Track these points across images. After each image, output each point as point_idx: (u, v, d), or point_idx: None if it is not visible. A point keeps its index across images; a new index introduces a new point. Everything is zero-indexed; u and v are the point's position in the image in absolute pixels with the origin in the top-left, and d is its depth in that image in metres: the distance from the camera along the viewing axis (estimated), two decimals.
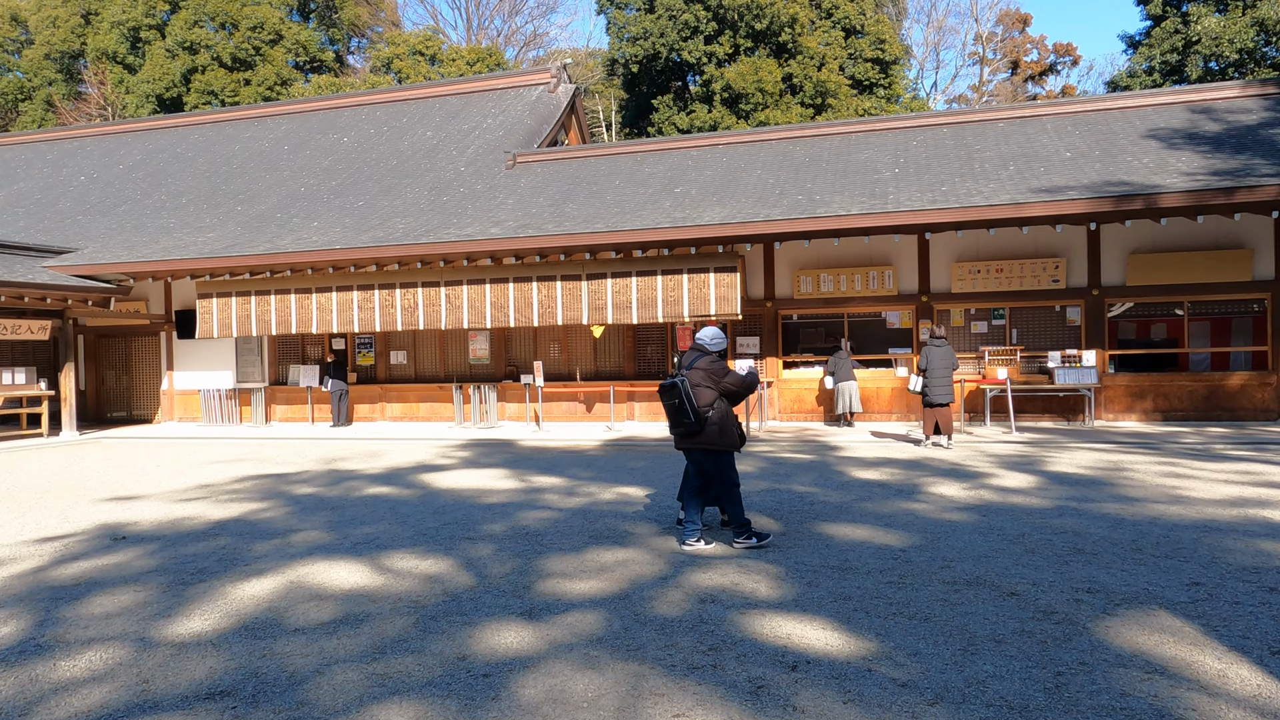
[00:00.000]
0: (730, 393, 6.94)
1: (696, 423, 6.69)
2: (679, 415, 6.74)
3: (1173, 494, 8.48)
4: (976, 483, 9.41)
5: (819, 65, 33.38)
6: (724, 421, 6.86)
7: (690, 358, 7.03)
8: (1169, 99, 16.70)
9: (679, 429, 6.86)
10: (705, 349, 7.08)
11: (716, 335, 7.16)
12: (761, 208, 14.77)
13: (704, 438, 6.79)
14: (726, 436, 6.90)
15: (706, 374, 6.79)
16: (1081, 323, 15.02)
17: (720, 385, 6.85)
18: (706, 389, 6.77)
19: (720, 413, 6.83)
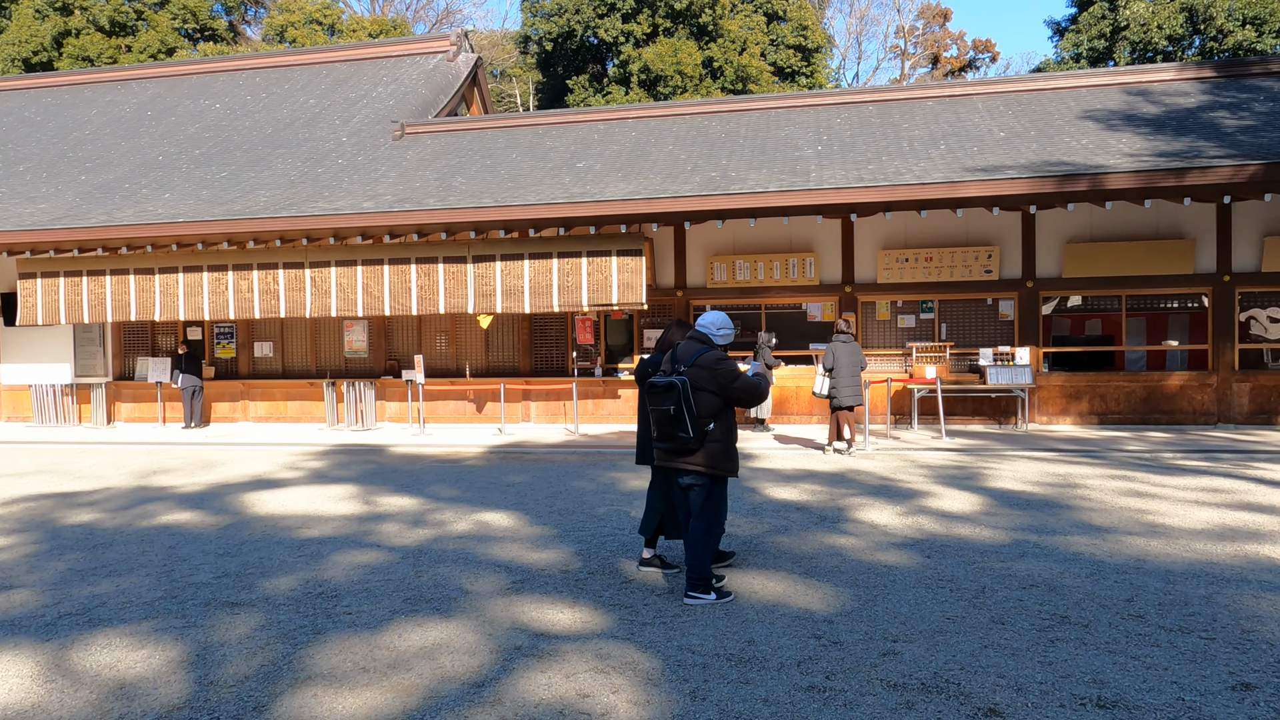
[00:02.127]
0: (740, 401, 5.24)
1: (694, 438, 5.06)
2: (671, 426, 5.10)
3: (1144, 521, 6.94)
4: (912, 505, 7.74)
5: (740, 49, 31.80)
6: (728, 438, 5.26)
7: (688, 351, 5.29)
8: (1104, 80, 15.49)
9: (668, 443, 5.17)
10: (709, 340, 5.33)
11: (724, 324, 5.44)
12: (670, 184, 12.95)
13: (701, 458, 5.14)
14: (730, 458, 5.27)
15: (712, 375, 5.14)
16: (1015, 317, 13.64)
17: (730, 391, 5.16)
18: (710, 394, 5.14)
19: (725, 426, 5.23)
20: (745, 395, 5.21)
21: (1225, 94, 14.36)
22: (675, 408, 5.04)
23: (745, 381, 5.23)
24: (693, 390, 5.08)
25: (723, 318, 5.46)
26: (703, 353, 5.22)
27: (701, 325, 5.44)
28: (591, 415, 14.80)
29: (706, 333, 5.38)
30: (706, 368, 5.15)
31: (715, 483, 5.25)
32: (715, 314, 5.47)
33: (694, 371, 5.15)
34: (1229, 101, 14.00)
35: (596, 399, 14.84)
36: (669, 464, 5.32)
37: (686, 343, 5.38)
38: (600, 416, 14.79)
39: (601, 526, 7.09)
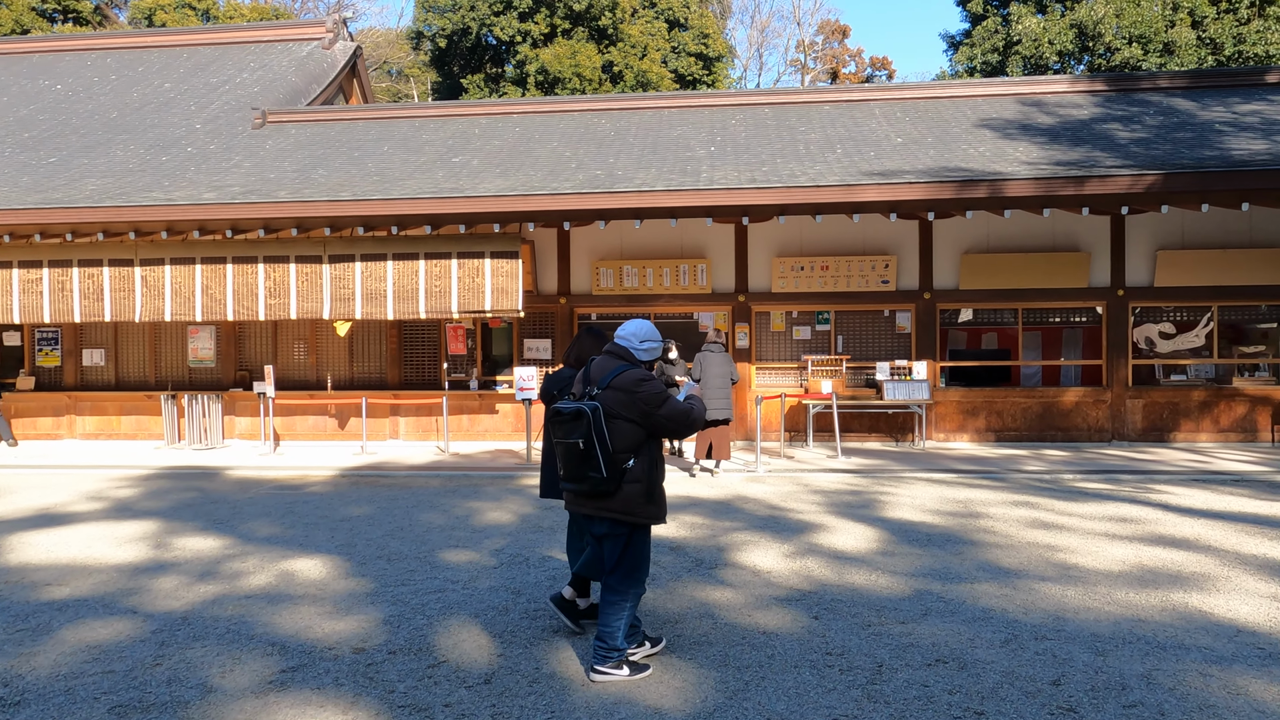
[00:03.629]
0: (668, 431, 4.15)
1: (608, 479, 4.02)
2: (580, 463, 4.04)
3: (1056, 561, 6.08)
4: (802, 543, 6.72)
5: (641, 54, 30.90)
6: (652, 477, 4.17)
7: (604, 369, 4.19)
8: (1000, 90, 15.06)
9: (577, 484, 4.10)
10: (630, 356, 4.25)
11: (648, 334, 4.35)
12: (552, 182, 11.75)
13: (618, 502, 4.08)
14: (654, 501, 4.18)
15: (632, 399, 4.06)
16: (912, 330, 12.94)
17: (654, 419, 4.08)
18: (630, 423, 4.06)
19: (647, 462, 4.15)
20: (673, 425, 4.10)
21: (1117, 107, 14.07)
22: (585, 441, 3.96)
23: (673, 408, 4.11)
24: (607, 419, 4.00)
25: (647, 327, 4.33)
26: (621, 371, 4.11)
27: (621, 337, 4.30)
28: (466, 432, 13.44)
29: (626, 346, 4.25)
30: (625, 390, 4.04)
31: (635, 532, 4.16)
32: (638, 323, 4.34)
33: (609, 395, 4.05)
34: (1121, 114, 13.69)
35: (472, 414, 13.48)
36: (578, 509, 4.22)
37: (602, 358, 4.26)
38: (476, 434, 13.43)
39: (431, 579, 5.81)
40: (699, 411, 4.23)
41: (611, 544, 4.15)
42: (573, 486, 4.13)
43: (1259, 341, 12.94)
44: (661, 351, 4.54)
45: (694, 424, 4.19)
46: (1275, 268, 12.21)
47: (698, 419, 4.21)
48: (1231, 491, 8.82)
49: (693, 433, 4.30)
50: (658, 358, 4.46)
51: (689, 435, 4.30)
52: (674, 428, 4.12)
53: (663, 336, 12.74)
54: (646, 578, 4.28)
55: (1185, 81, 14.56)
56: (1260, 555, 6.18)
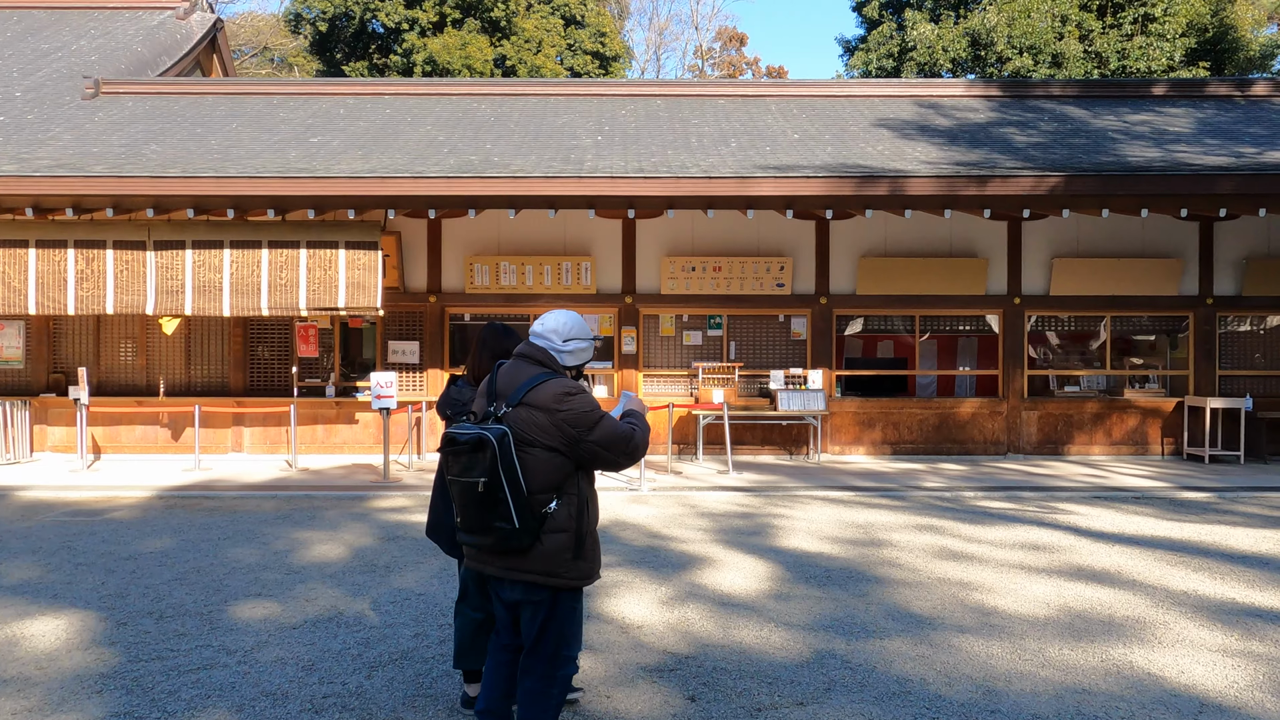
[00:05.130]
0: (606, 461, 3.05)
1: (521, 529, 2.93)
2: (483, 510, 2.94)
3: (974, 604, 5.18)
4: (684, 583, 5.63)
5: (536, 49, 29.60)
6: (581, 524, 3.06)
7: (515, 379, 3.08)
8: (897, 92, 14.51)
9: (479, 537, 3.00)
10: (550, 360, 3.13)
11: (576, 330, 3.20)
12: (420, 166, 10.38)
13: (536, 559, 2.99)
14: (584, 555, 3.07)
15: (553, 420, 2.98)
16: (808, 336, 12.13)
17: (583, 446, 3.01)
18: (551, 453, 2.98)
19: (575, 504, 3.04)
20: (611, 454, 3.02)
21: (1012, 112, 13.67)
22: (489, 480, 2.88)
23: (611, 431, 3.02)
24: (519, 448, 2.93)
25: (573, 321, 3.21)
26: (538, 382, 3.00)
27: (538, 334, 3.18)
28: (321, 444, 11.88)
29: (546, 346, 3.14)
30: (543, 408, 2.96)
31: (561, 597, 3.04)
32: (560, 315, 3.21)
33: (522, 415, 2.97)
34: (1016, 120, 13.28)
35: (328, 424, 11.94)
36: (482, 567, 3.10)
37: (512, 364, 3.12)
38: (332, 446, 11.90)
39: (202, 647, 4.45)
40: (643, 434, 3.12)
41: (531, 614, 3.03)
42: (474, 540, 3.00)
43: (1149, 353, 12.70)
44: (593, 351, 3.35)
45: (636, 451, 3.08)
46: (1166, 278, 11.95)
47: (641, 444, 3.09)
48: (1137, 511, 8.24)
49: (635, 462, 3.13)
50: (588, 361, 3.30)
51: (631, 465, 3.14)
52: (611, 457, 3.01)
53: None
54: (579, 652, 3.14)
55: (1077, 90, 14.32)
56: (1190, 593, 5.43)
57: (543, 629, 3.02)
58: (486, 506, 2.91)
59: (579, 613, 3.12)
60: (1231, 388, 12.11)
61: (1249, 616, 4.94)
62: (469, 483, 2.92)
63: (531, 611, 3.03)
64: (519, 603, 3.05)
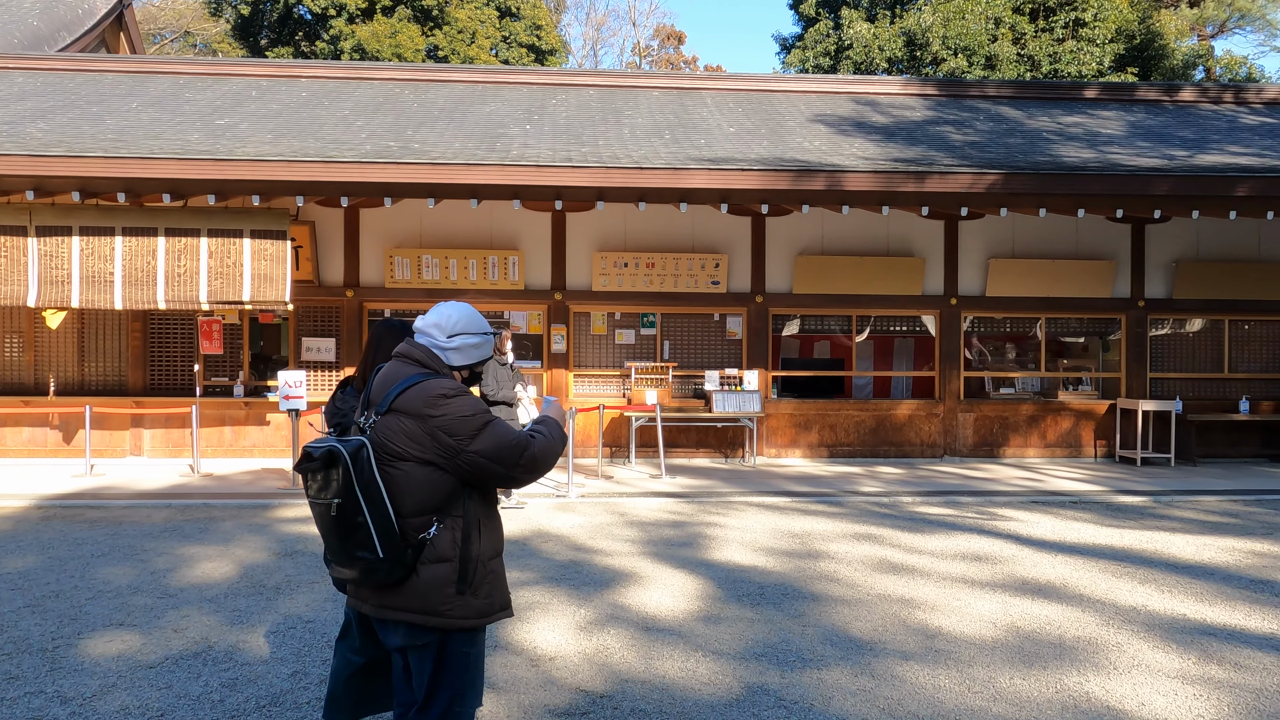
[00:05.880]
0: (498, 476, 2.53)
1: (386, 560, 2.42)
2: (343, 537, 2.43)
3: (916, 624, 4.79)
4: (607, 604, 5.13)
5: (470, 40, 28.77)
6: (468, 550, 2.51)
7: (390, 380, 2.58)
8: (834, 88, 14.24)
9: (344, 568, 2.50)
10: (431, 360, 2.63)
11: (466, 324, 2.69)
12: (335, 151, 9.66)
13: (413, 595, 2.48)
14: (476, 588, 2.53)
15: (424, 427, 2.47)
16: (744, 336, 11.74)
17: (463, 458, 2.47)
18: (426, 467, 2.47)
19: (461, 529, 2.51)
20: (502, 466, 2.49)
21: (948, 111, 13.51)
22: (344, 502, 2.38)
23: (497, 439, 2.48)
24: (384, 463, 2.44)
25: (460, 314, 2.68)
26: (413, 384, 2.50)
27: (418, 329, 2.68)
28: (229, 448, 11.05)
29: (427, 343, 2.64)
30: (414, 414, 2.46)
31: (452, 642, 2.51)
32: (447, 307, 2.69)
33: (390, 424, 2.47)
34: (953, 119, 13.11)
35: (236, 426, 11.11)
36: (359, 605, 2.61)
37: (391, 366, 2.61)
38: (241, 449, 11.07)
39: (32, 695, 3.78)
40: (546, 445, 2.58)
41: (417, 662, 2.51)
42: (340, 572, 2.50)
43: (1082, 355, 12.65)
44: (490, 348, 2.78)
45: (536, 463, 2.54)
46: (1100, 280, 11.89)
47: (543, 455, 2.56)
48: (1075, 516, 8.02)
49: (537, 476, 2.60)
50: (483, 360, 2.76)
51: (533, 479, 2.60)
52: (502, 471, 2.49)
53: (494, 327, 10.90)
54: (477, 708, 2.61)
55: (1011, 91, 14.25)
56: (1140, 608, 5.14)
57: (433, 681, 2.49)
58: (344, 533, 2.41)
59: (476, 660, 2.58)
60: (1162, 390, 12.12)
61: (1203, 636, 4.64)
62: (323, 505, 2.41)
63: (418, 659, 2.51)
64: (404, 649, 2.53)
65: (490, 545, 2.59)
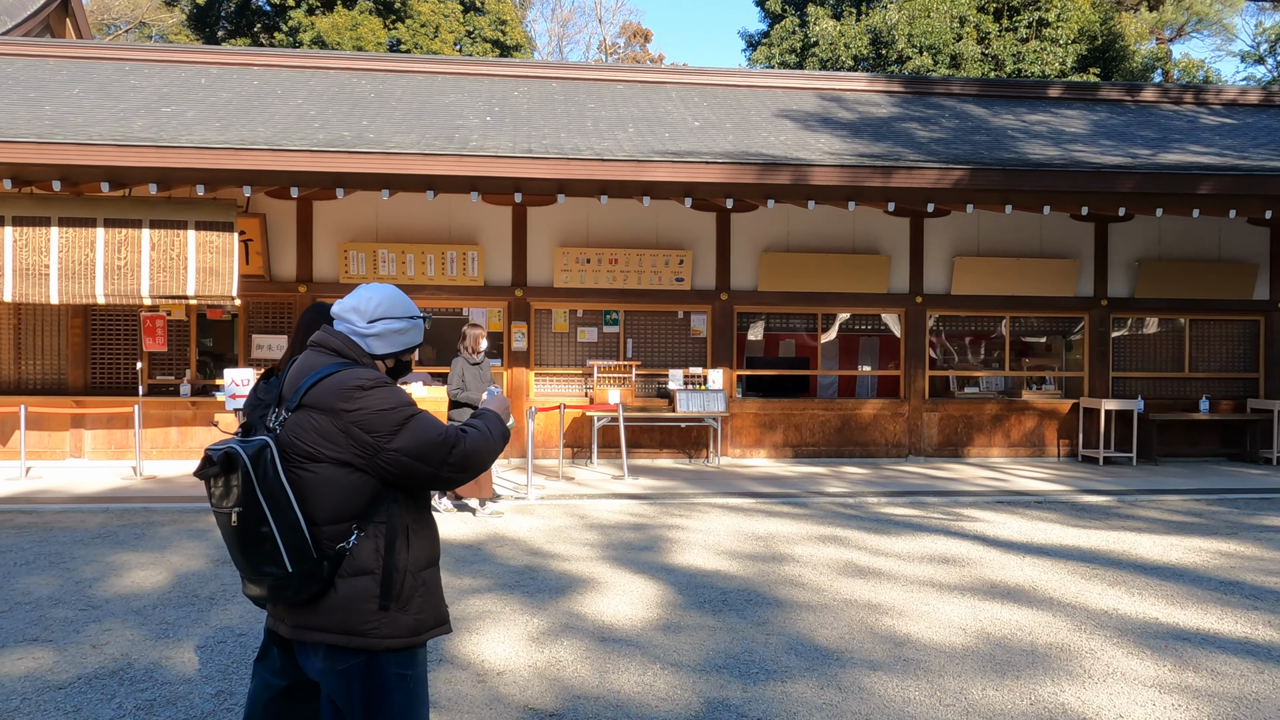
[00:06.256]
0: (419, 475, 2.22)
1: (297, 575, 2.12)
2: (246, 548, 2.12)
3: (884, 632, 4.59)
4: (561, 613, 4.87)
5: (433, 34, 28.28)
6: (391, 560, 2.21)
7: (303, 371, 2.27)
8: (800, 83, 14.09)
9: (253, 584, 2.19)
10: (349, 348, 2.32)
11: (388, 307, 2.39)
12: (285, 140, 9.27)
13: (332, 612, 2.17)
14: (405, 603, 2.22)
15: (341, 423, 2.17)
16: (708, 334, 11.53)
17: (386, 457, 2.18)
18: (342, 469, 2.17)
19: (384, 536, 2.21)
20: (428, 463, 2.21)
21: (914, 109, 13.42)
22: (244, 512, 2.10)
23: (423, 434, 2.22)
24: (292, 465, 2.18)
25: (382, 296, 2.40)
26: (326, 375, 2.23)
27: (340, 312, 2.40)
28: (175, 449, 10.61)
29: (346, 329, 2.36)
30: (328, 409, 2.19)
31: (381, 665, 2.21)
32: (369, 289, 2.41)
33: (302, 420, 2.21)
34: (919, 116, 13.02)
35: (183, 426, 10.66)
36: (275, 625, 2.33)
37: (306, 355, 2.32)
38: (187, 451, 10.63)
39: None
40: (484, 440, 2.32)
41: (343, 690, 2.20)
42: (260, 586, 2.19)
43: (1046, 354, 12.63)
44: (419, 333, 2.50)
45: (468, 461, 2.27)
46: (1064, 279, 11.85)
47: (476, 453, 2.29)
48: (1041, 517, 7.91)
49: (472, 476, 2.32)
50: (410, 347, 2.46)
51: (467, 479, 2.32)
52: (429, 470, 2.21)
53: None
54: None
55: (976, 89, 14.20)
56: (1111, 612, 4.99)
57: (366, 710, 2.19)
58: (248, 546, 2.13)
59: (415, 684, 2.28)
60: (1124, 389, 12.12)
61: (1176, 641, 4.50)
62: (224, 515, 2.13)
63: (342, 687, 2.21)
64: (322, 673, 2.24)
65: (421, 554, 2.31)
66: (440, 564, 2.39)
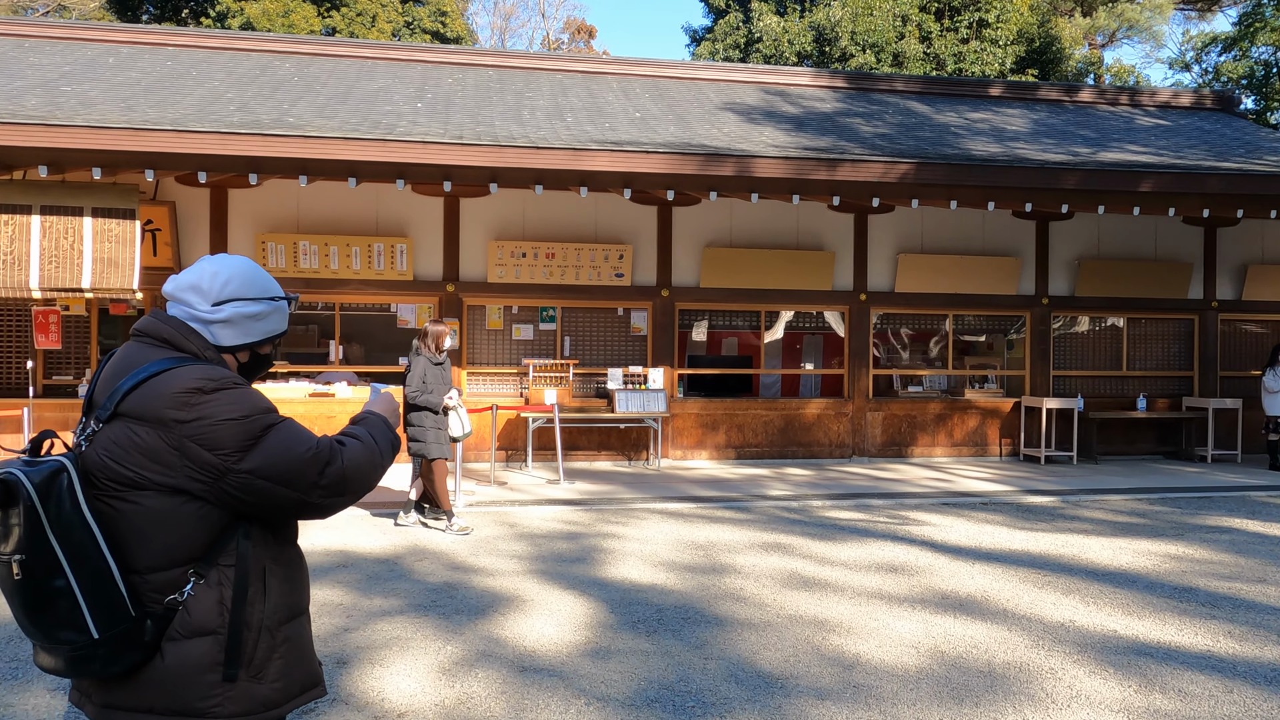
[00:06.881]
0: (281, 501, 1.68)
1: (105, 642, 1.54)
2: (33, 607, 1.50)
3: (831, 652, 4.21)
4: (479, 638, 4.38)
5: (370, 24, 27.37)
6: (240, 615, 1.66)
7: (118, 370, 1.68)
8: (744, 77, 13.76)
9: (46, 653, 1.57)
10: (188, 336, 1.73)
11: (234, 285, 1.82)
12: (195, 121, 8.56)
13: (156, 685, 1.60)
14: (252, 672, 1.66)
15: (172, 438, 1.58)
16: (649, 331, 11.11)
17: (235, 479, 1.64)
18: (174, 497, 1.60)
19: (230, 584, 1.66)
20: (293, 488, 1.70)
21: (858, 104, 13.20)
22: (27, 560, 1.53)
23: (284, 450, 1.70)
24: (108, 495, 1.64)
25: (233, 271, 1.86)
26: (153, 374, 1.67)
27: (174, 292, 1.82)
28: None
29: (182, 314, 1.81)
30: (155, 420, 1.64)
31: None
32: (216, 261, 1.86)
33: (118, 435, 1.65)
34: (863, 111, 12.79)
35: None
36: (81, 704, 1.73)
37: (128, 347, 1.74)
38: None
39: None
40: (366, 454, 1.81)
41: None
42: (44, 659, 1.66)
43: (988, 353, 12.51)
44: (284, 319, 2.02)
45: (347, 482, 1.76)
46: (1006, 277, 11.72)
47: (357, 471, 1.78)
48: (987, 519, 7.66)
49: (351, 500, 1.80)
50: (273, 335, 1.93)
51: (345, 505, 1.80)
52: (295, 496, 1.71)
53: (337, 334, 9.79)
54: None
55: (919, 86, 14.05)
56: (1068, 624, 4.69)
57: None
58: (36, 605, 1.58)
59: None
60: (1064, 387, 12.05)
61: (1139, 656, 4.20)
62: (2, 564, 1.58)
63: None
64: None
65: (283, 604, 1.78)
66: (350, 576, 1.89)
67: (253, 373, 1.91)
